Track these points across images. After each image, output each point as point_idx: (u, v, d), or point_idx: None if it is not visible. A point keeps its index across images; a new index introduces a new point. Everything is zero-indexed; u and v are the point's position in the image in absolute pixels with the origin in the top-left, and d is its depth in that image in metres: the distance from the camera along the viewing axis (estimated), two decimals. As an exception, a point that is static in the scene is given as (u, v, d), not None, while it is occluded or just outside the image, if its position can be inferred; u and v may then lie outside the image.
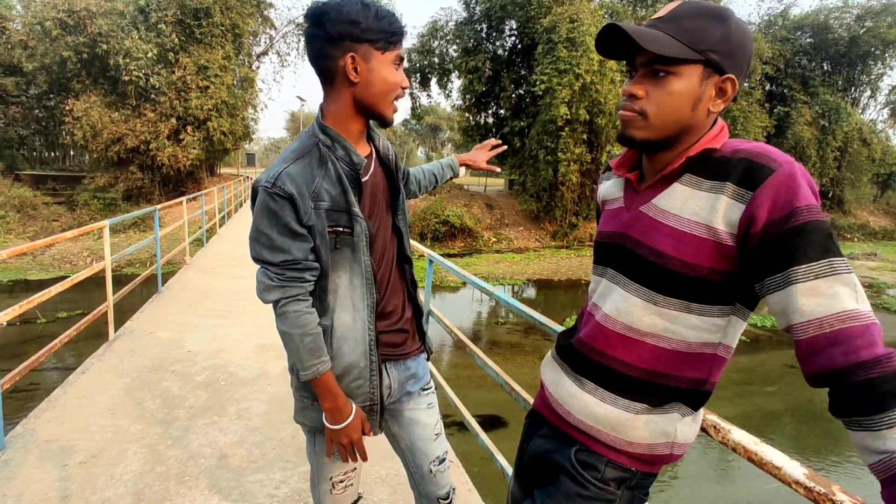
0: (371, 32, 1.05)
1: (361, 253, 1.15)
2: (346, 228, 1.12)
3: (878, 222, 25.05)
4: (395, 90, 1.12)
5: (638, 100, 0.86)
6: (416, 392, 1.32)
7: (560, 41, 15.37)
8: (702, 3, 0.84)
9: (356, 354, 1.17)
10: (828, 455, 5.06)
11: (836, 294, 0.72)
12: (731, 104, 20.48)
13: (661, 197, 0.88)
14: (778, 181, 0.75)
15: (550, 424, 1.06)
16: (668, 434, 0.91)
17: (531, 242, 17.67)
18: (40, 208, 15.60)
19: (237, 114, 18.27)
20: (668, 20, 0.84)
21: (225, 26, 17.13)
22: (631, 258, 0.91)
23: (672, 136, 0.87)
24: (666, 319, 0.87)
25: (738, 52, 0.83)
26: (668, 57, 0.82)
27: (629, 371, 0.91)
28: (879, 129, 26.64)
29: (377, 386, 1.20)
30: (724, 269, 0.82)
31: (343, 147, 1.12)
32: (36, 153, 22.41)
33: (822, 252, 0.73)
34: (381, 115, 1.13)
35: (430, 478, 1.31)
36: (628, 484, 0.95)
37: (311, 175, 1.09)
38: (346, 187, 1.11)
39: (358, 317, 1.17)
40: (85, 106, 15.79)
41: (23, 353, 5.79)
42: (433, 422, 1.33)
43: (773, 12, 25.32)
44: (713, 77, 0.84)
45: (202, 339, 4.17)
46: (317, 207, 1.08)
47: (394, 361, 1.27)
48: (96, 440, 2.58)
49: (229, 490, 2.22)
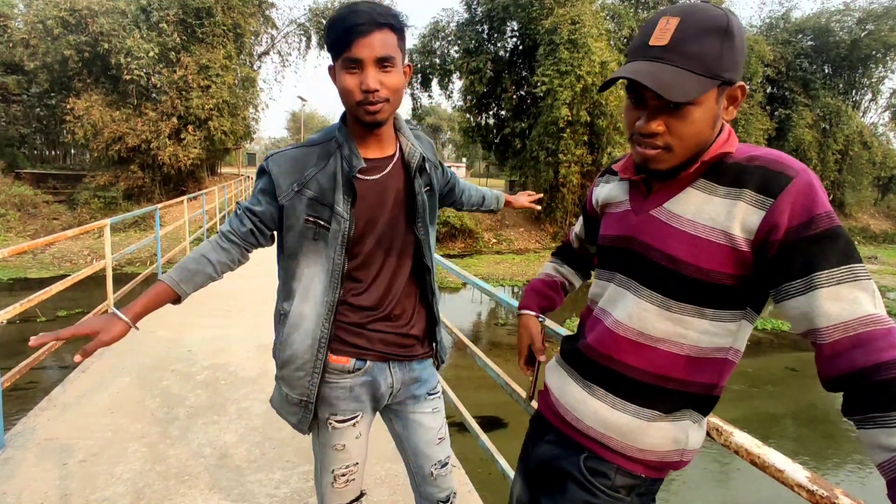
0: (329, 45, 1.08)
1: (333, 250, 1.16)
2: (325, 223, 1.15)
3: (879, 225, 25.04)
4: (351, 96, 1.07)
5: (661, 134, 0.83)
6: (423, 396, 1.32)
7: (562, 42, 15.37)
8: (699, 15, 0.79)
9: (303, 346, 1.18)
10: (829, 458, 5.05)
11: (857, 299, 0.73)
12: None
13: (674, 201, 0.87)
14: (797, 189, 0.76)
15: (557, 430, 1.05)
16: (680, 442, 0.91)
17: (531, 244, 17.66)
18: (41, 207, 15.60)
19: (238, 113, 18.27)
20: (673, 49, 0.79)
21: (226, 26, 17.12)
22: (642, 263, 0.90)
23: (695, 155, 0.85)
24: (679, 325, 0.87)
25: (741, 57, 0.81)
26: None
27: (640, 377, 0.91)
28: (880, 133, 26.64)
29: (315, 383, 1.20)
30: (739, 275, 0.82)
31: (349, 147, 1.15)
32: (37, 151, 22.42)
33: (843, 258, 0.74)
34: (358, 119, 1.12)
35: (431, 480, 1.32)
36: (638, 490, 0.94)
37: (308, 163, 1.15)
38: (337, 184, 1.14)
39: (314, 310, 1.18)
40: (86, 105, 15.79)
41: (22, 351, 5.78)
42: (437, 426, 1.33)
43: (775, 15, 25.39)
44: (725, 89, 0.82)
45: (202, 338, 4.17)
46: (300, 193, 1.14)
47: (398, 362, 1.27)
48: (96, 439, 2.58)
49: (229, 489, 2.22)
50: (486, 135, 20.77)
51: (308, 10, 24.07)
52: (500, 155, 21.19)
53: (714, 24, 0.78)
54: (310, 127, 57.52)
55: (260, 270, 7.41)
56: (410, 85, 21.68)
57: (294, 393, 1.21)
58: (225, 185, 14.69)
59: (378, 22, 1.04)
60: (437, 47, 20.45)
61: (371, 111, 1.08)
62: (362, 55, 1.04)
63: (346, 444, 1.25)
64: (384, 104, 1.09)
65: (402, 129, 1.24)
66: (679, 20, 0.79)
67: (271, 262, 1.44)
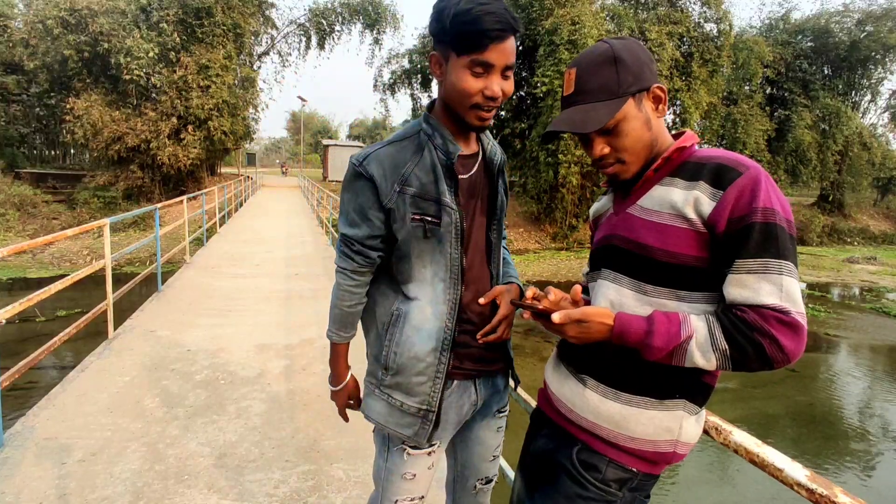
0: (453, 37, 1.00)
1: (448, 245, 1.08)
2: (433, 218, 1.07)
3: (879, 226, 25.05)
4: (469, 98, 1.02)
5: (608, 154, 0.97)
6: (492, 413, 1.25)
7: (562, 43, 15.38)
8: (588, 58, 0.96)
9: (426, 349, 1.09)
10: (827, 458, 5.05)
11: (760, 289, 0.81)
12: (733, 107, 20.51)
13: (644, 198, 0.97)
14: (743, 183, 0.84)
15: (552, 423, 1.07)
16: (672, 431, 0.92)
17: (531, 244, 17.65)
18: (40, 206, 15.59)
19: (238, 113, 18.28)
20: (579, 92, 0.96)
21: (226, 26, 17.14)
22: (620, 254, 0.97)
23: (650, 156, 0.98)
24: (656, 308, 0.91)
25: (641, 67, 0.94)
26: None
27: (627, 363, 0.93)
28: (880, 134, 26.68)
29: (439, 390, 1.10)
30: (703, 256, 0.88)
31: (441, 136, 1.09)
32: (36, 151, 22.43)
33: (760, 250, 0.81)
34: (462, 119, 1.07)
35: (472, 494, 1.29)
36: (630, 485, 0.95)
37: (404, 159, 1.08)
38: (438, 176, 1.07)
39: (436, 311, 1.09)
40: (86, 104, 15.80)
41: (22, 350, 5.78)
42: (496, 444, 1.28)
43: (775, 16, 25.39)
44: (643, 95, 0.95)
45: (202, 338, 4.16)
46: (402, 192, 1.06)
47: (484, 378, 1.19)
48: (95, 438, 2.58)
49: (228, 489, 2.22)
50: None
51: (308, 11, 24.09)
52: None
53: (602, 58, 0.94)
54: (309, 127, 57.40)
55: (260, 270, 7.43)
56: (410, 85, 21.69)
57: (412, 401, 1.11)
58: (225, 185, 14.68)
59: (514, 28, 0.99)
60: (437, 47, 20.45)
61: (484, 117, 1.05)
62: (495, 61, 0.99)
63: (416, 473, 1.15)
64: (496, 110, 1.06)
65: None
66: (576, 69, 0.96)
67: (272, 262, 1.44)
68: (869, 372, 7.71)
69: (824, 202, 24.65)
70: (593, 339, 0.91)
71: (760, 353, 0.80)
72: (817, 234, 22.09)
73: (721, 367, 0.84)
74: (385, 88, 21.92)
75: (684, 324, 0.85)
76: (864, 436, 5.61)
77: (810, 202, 25.38)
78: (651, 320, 0.87)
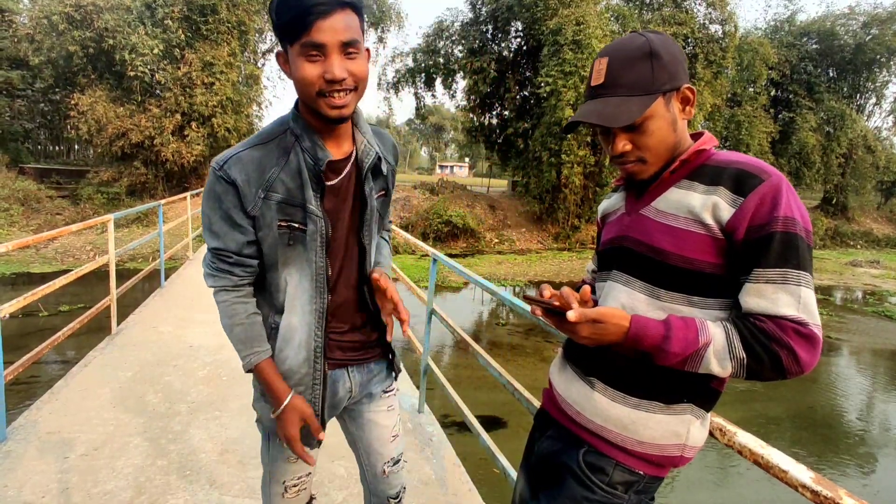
0: (280, 27, 0.94)
1: (314, 252, 1.06)
2: (299, 225, 1.03)
3: (882, 230, 24.96)
4: (312, 87, 0.94)
5: (629, 152, 0.94)
6: (378, 394, 1.28)
7: (566, 43, 15.35)
8: (621, 49, 0.91)
9: (297, 360, 1.09)
10: (829, 460, 5.04)
11: (777, 300, 0.80)
12: (737, 109, 20.46)
13: (659, 200, 0.94)
14: (765, 191, 0.82)
15: (558, 425, 1.06)
16: (680, 435, 0.91)
17: (533, 244, 17.63)
18: (44, 202, 15.62)
19: (242, 111, 18.26)
20: (611, 85, 0.91)
21: (231, 23, 17.12)
22: (633, 257, 0.95)
23: (671, 158, 0.95)
24: (668, 313, 0.90)
25: (677, 65, 0.91)
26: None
27: (636, 367, 0.92)
28: (884, 137, 26.58)
29: (319, 396, 1.12)
30: (720, 263, 0.86)
31: (311, 139, 1.03)
32: (40, 147, 22.48)
33: (780, 261, 0.80)
34: (315, 113, 1.00)
35: (383, 478, 1.30)
36: (636, 488, 0.95)
37: (268, 163, 1.01)
38: (304, 181, 1.02)
39: (303, 320, 1.08)
40: (90, 100, 15.81)
41: (24, 345, 5.80)
42: (391, 424, 1.30)
43: (780, 18, 25.31)
44: (672, 95, 0.91)
45: (204, 334, 4.17)
46: (267, 198, 1.01)
47: (357, 365, 1.22)
48: (98, 433, 2.59)
49: (230, 485, 2.22)
50: (489, 135, 20.73)
51: (312, 9, 23.98)
52: (503, 155, 21.16)
53: (638, 51, 0.90)
54: (313, 125, 57.28)
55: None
56: (414, 84, 21.66)
57: None
58: (227, 182, 14.66)
59: (340, 0, 0.91)
60: (440, 47, 20.43)
61: (336, 104, 0.96)
62: (325, 39, 0.90)
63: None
64: (351, 95, 0.97)
65: (359, 124, 1.11)
66: (608, 59, 0.92)
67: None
68: (870, 376, 7.69)
69: (828, 205, 24.56)
70: (606, 340, 0.88)
71: (777, 363, 0.80)
72: (820, 237, 22.02)
73: (736, 374, 0.84)
74: (389, 87, 21.90)
75: (702, 330, 0.84)
76: (864, 439, 5.59)
77: (814, 205, 25.30)
78: (668, 325, 0.85)
